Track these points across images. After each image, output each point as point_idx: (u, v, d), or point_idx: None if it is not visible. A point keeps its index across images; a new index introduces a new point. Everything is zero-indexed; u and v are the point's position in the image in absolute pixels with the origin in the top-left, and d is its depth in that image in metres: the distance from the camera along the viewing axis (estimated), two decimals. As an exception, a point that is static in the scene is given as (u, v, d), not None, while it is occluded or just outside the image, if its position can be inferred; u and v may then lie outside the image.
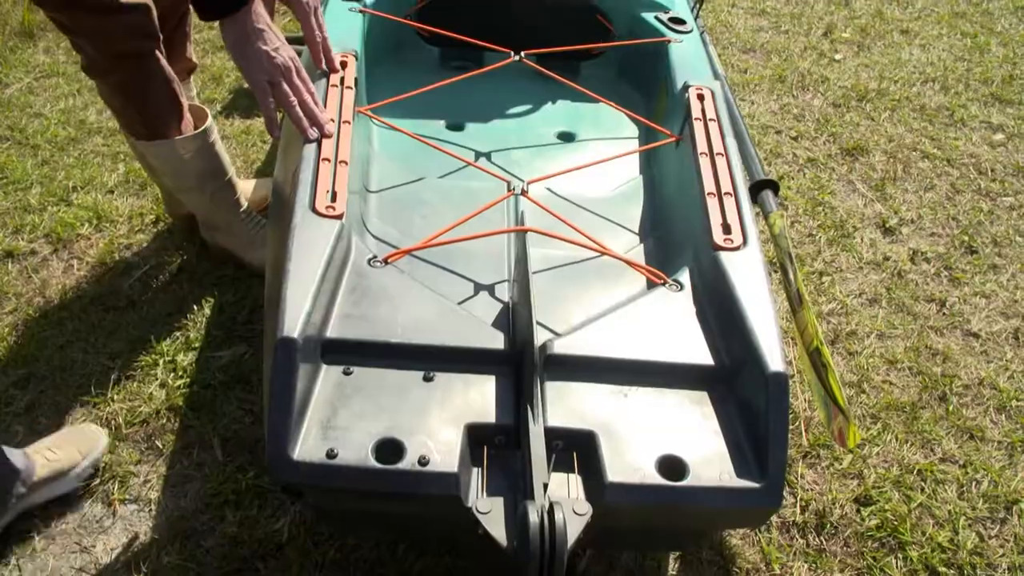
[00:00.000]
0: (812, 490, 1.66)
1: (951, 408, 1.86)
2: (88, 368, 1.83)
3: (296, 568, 1.46)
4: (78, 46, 1.72)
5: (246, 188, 2.25)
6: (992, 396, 1.90)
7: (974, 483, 1.70)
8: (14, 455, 1.47)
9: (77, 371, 1.82)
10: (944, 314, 2.13)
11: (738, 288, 1.16)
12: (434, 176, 1.55)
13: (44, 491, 1.52)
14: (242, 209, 2.06)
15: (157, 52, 1.73)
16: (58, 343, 1.89)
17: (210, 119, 1.90)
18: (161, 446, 1.67)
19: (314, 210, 1.19)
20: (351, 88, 1.47)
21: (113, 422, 1.71)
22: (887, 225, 2.44)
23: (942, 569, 1.53)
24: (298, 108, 1.33)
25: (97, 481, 1.60)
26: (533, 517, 0.88)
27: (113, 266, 2.10)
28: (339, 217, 1.19)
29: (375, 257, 1.23)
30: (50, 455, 1.53)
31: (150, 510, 1.56)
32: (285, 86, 1.34)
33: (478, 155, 1.64)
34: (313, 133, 1.33)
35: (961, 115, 3.03)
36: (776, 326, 1.11)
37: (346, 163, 1.29)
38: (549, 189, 1.54)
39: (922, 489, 1.68)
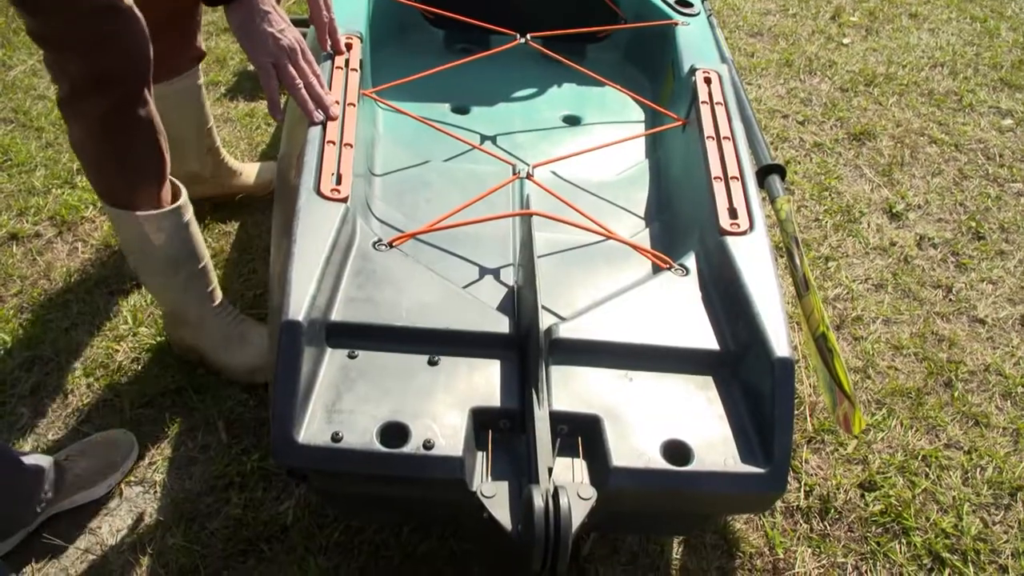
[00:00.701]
0: (816, 475, 1.66)
1: (956, 394, 1.86)
2: (93, 350, 1.83)
3: (301, 550, 1.46)
4: (60, 67, 1.43)
5: (250, 172, 2.25)
6: (998, 382, 1.90)
7: (979, 469, 1.70)
8: (43, 462, 1.46)
9: (82, 353, 1.83)
10: (950, 300, 2.12)
11: (744, 273, 1.15)
12: (439, 159, 1.54)
13: (74, 498, 1.51)
14: (216, 303, 1.76)
15: (147, 92, 1.49)
16: (63, 325, 1.89)
17: (185, 197, 1.63)
18: (166, 428, 1.68)
19: (319, 193, 1.18)
20: (356, 70, 1.46)
21: (118, 404, 1.71)
22: (894, 210, 2.42)
23: (946, 555, 1.53)
24: (303, 90, 1.31)
25: (103, 463, 1.61)
26: (538, 501, 0.88)
27: (117, 249, 2.10)
28: (344, 200, 1.18)
29: (380, 240, 1.22)
30: (83, 463, 1.52)
31: (155, 492, 1.57)
32: (290, 68, 1.31)
33: (483, 138, 1.63)
34: (318, 116, 1.31)
35: (970, 100, 3.01)
36: (782, 311, 1.10)
37: (351, 146, 1.29)
38: (554, 173, 1.53)
39: (927, 475, 1.68)
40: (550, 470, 0.95)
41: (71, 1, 1.33)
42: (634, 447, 1.01)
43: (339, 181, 1.21)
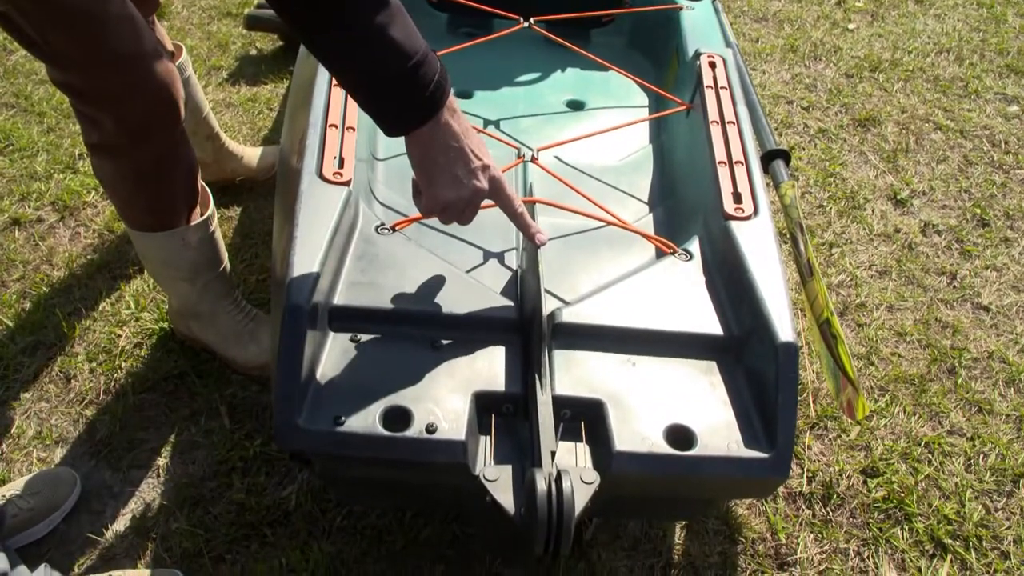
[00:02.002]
0: (819, 461, 1.66)
1: (960, 381, 1.85)
2: (95, 335, 1.83)
3: (304, 535, 1.46)
4: (89, 119, 1.37)
5: (252, 156, 2.24)
6: (1001, 369, 1.89)
7: (982, 456, 1.70)
8: None
9: (85, 339, 1.83)
10: (954, 287, 2.12)
11: (748, 258, 1.15)
12: (442, 144, 1.53)
13: (16, 538, 1.43)
14: (230, 300, 1.73)
15: (181, 136, 1.44)
16: (66, 310, 1.89)
17: (212, 203, 1.61)
18: (169, 413, 1.68)
19: (321, 176, 1.18)
20: (358, 54, 1.45)
21: (120, 389, 1.71)
22: (898, 197, 2.41)
23: (948, 541, 1.53)
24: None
25: (105, 448, 1.61)
26: (541, 485, 0.88)
27: (120, 234, 2.10)
28: (346, 184, 1.18)
29: (383, 224, 1.22)
30: (23, 504, 1.45)
31: (158, 476, 1.57)
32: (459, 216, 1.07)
33: (486, 123, 1.62)
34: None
35: (975, 86, 2.99)
36: (786, 296, 1.10)
37: (353, 129, 1.28)
38: (558, 157, 1.53)
39: (929, 461, 1.68)
40: (553, 454, 0.95)
41: (91, 49, 1.26)
42: (637, 431, 1.01)
43: (341, 165, 1.20)
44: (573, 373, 1.08)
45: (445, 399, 1.02)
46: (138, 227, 1.54)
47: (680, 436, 1.02)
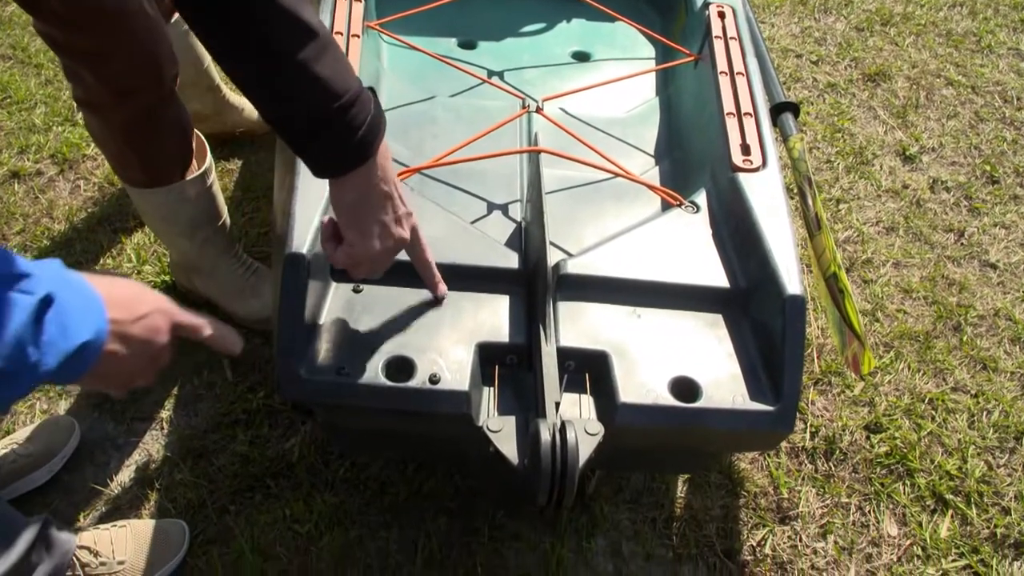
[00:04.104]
0: (822, 416, 1.66)
1: (965, 338, 1.84)
2: (97, 289, 1.82)
3: (307, 487, 1.47)
4: (73, 72, 1.33)
5: (252, 108, 2.21)
6: (1007, 327, 1.88)
7: (985, 413, 1.70)
8: None
9: (86, 292, 1.82)
10: (962, 244, 2.10)
11: (756, 210, 1.13)
12: (445, 94, 1.50)
13: (16, 485, 1.44)
14: (231, 254, 1.71)
15: (171, 94, 1.39)
16: (66, 264, 1.87)
17: (209, 157, 1.57)
18: (172, 366, 1.67)
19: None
20: (360, 1, 1.41)
21: (124, 342, 1.71)
22: (907, 153, 2.38)
23: (949, 496, 1.54)
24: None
25: (108, 401, 1.61)
26: (544, 435, 0.87)
27: (120, 187, 2.08)
28: (348, 132, 1.15)
29: (385, 175, 1.20)
30: (22, 451, 1.45)
31: (162, 428, 1.57)
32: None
33: (491, 74, 1.59)
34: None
35: (988, 41, 2.93)
36: (794, 248, 1.08)
37: (355, 78, 1.25)
38: (563, 109, 1.50)
39: (933, 418, 1.68)
40: (557, 405, 0.95)
41: (72, 3, 1.19)
42: (642, 383, 1.00)
43: None
44: (578, 325, 1.07)
45: (448, 350, 1.01)
46: (133, 183, 1.51)
47: (685, 388, 1.02)
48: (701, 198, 1.24)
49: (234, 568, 1.37)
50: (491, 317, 1.06)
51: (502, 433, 0.96)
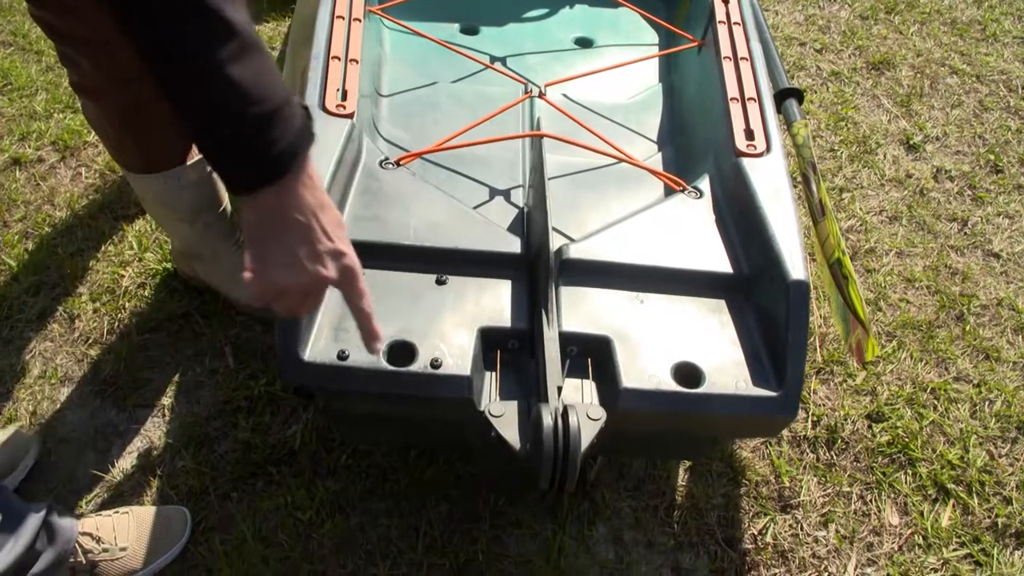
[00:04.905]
0: (824, 406, 1.65)
1: (968, 328, 1.84)
2: (99, 276, 1.82)
3: (309, 473, 1.47)
4: (69, 59, 1.31)
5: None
6: (1010, 317, 1.88)
7: (987, 403, 1.69)
8: None
9: (88, 279, 1.82)
10: (965, 233, 2.09)
11: (760, 195, 1.12)
12: (447, 80, 1.50)
13: None
14: (233, 239, 1.68)
15: None
16: (68, 251, 1.87)
17: None
18: (173, 353, 1.67)
19: (324, 108, 1.15)
20: (361, -15, 1.41)
21: (124, 329, 1.71)
22: (911, 142, 2.37)
23: (951, 486, 1.54)
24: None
25: (111, 387, 1.61)
26: (547, 419, 0.87)
27: (121, 174, 2.07)
28: (350, 116, 1.15)
29: (387, 159, 1.19)
30: None
31: (164, 416, 1.57)
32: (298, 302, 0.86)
33: (493, 59, 1.58)
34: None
35: (994, 30, 2.92)
36: (799, 234, 1.08)
37: (356, 61, 1.25)
38: (566, 95, 1.49)
39: (935, 407, 1.67)
40: (559, 389, 0.94)
41: None
42: (644, 368, 1.00)
43: (344, 97, 1.18)
44: (580, 310, 1.06)
45: (450, 334, 1.01)
46: (132, 169, 1.49)
47: (688, 374, 1.01)
48: (704, 183, 1.24)
49: (236, 554, 1.37)
50: (493, 302, 1.06)
51: (504, 418, 0.96)
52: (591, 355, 1.04)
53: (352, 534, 1.40)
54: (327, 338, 0.99)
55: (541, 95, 1.41)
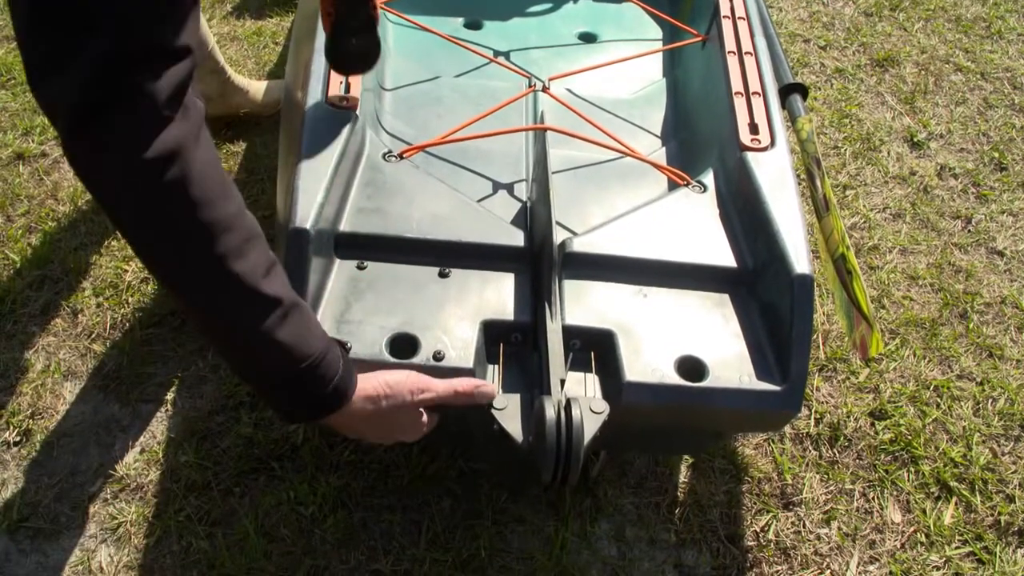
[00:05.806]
0: (827, 403, 1.65)
1: (971, 326, 1.83)
2: (102, 270, 1.82)
3: (311, 469, 1.47)
4: None
5: (258, 90, 2.20)
6: (1014, 315, 1.87)
7: (990, 401, 1.69)
8: None
9: (91, 273, 1.82)
10: (969, 231, 2.09)
11: (764, 189, 1.12)
12: (451, 74, 1.49)
13: None
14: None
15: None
16: (71, 245, 1.87)
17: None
18: (176, 348, 1.67)
19: (327, 102, 1.15)
20: (365, -21, 1.40)
21: (128, 323, 1.71)
22: (915, 139, 2.36)
23: (953, 484, 1.53)
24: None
25: (113, 382, 1.61)
26: (549, 412, 0.87)
27: (124, 169, 2.07)
28: (353, 109, 1.15)
29: (390, 152, 1.19)
30: None
31: (166, 410, 1.57)
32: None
33: (497, 54, 1.58)
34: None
35: (999, 27, 2.91)
36: (803, 228, 1.08)
37: (360, 55, 1.24)
38: (570, 90, 1.49)
39: (938, 405, 1.67)
40: (562, 382, 0.94)
41: None
42: (648, 362, 1.00)
43: (348, 90, 1.18)
44: (583, 303, 1.06)
45: (453, 327, 1.01)
46: None
47: (691, 367, 1.01)
48: (708, 178, 1.24)
49: (238, 549, 1.37)
50: (496, 295, 1.05)
51: (506, 411, 0.95)
52: (594, 349, 1.03)
53: (354, 529, 1.40)
54: (329, 330, 0.98)
55: (545, 89, 1.41)
